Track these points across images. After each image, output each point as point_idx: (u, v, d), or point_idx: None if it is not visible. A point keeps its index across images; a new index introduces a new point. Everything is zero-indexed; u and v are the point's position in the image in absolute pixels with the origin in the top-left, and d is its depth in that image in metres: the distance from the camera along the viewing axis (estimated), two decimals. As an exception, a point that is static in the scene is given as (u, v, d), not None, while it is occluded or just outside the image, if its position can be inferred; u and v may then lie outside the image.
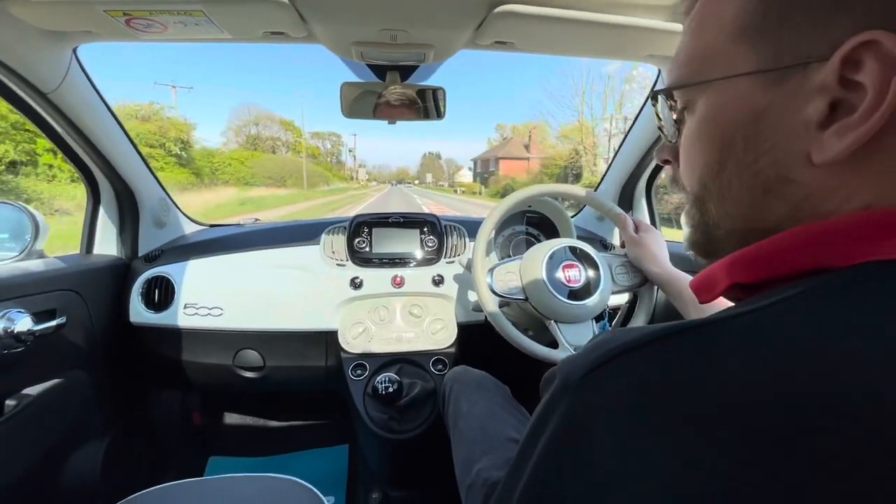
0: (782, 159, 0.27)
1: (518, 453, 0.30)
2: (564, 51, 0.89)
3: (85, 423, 1.05)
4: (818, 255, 0.25)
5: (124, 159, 1.09)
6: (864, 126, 0.24)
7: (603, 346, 0.26)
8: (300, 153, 48.48)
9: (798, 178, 0.27)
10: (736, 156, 0.30)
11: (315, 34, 0.81)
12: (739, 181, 0.30)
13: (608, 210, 1.00)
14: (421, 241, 1.21)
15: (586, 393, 0.26)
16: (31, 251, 1.00)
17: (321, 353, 1.19)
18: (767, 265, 0.28)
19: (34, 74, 0.80)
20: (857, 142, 0.24)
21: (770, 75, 0.27)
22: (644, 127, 1.16)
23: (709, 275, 0.32)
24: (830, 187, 0.26)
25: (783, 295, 0.24)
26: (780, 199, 0.28)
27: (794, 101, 0.26)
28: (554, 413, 0.27)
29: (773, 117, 0.27)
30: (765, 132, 0.28)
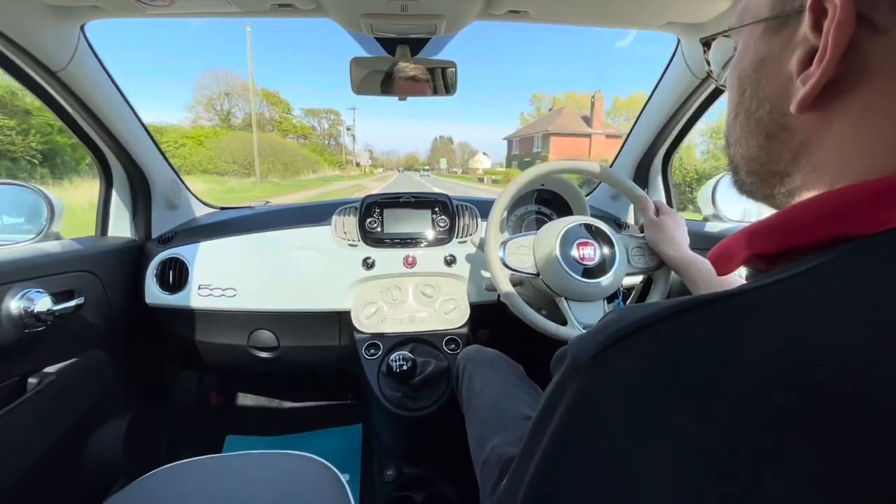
0: (776, 107, 0.29)
1: (530, 432, 0.31)
2: (582, 19, 0.86)
3: (105, 402, 1.07)
4: (843, 222, 0.24)
5: (135, 141, 1.09)
6: (818, 72, 0.25)
7: (613, 325, 0.26)
8: (288, 133, 42.22)
9: (791, 126, 0.28)
10: (745, 103, 0.31)
11: (323, 6, 0.79)
12: (747, 127, 0.31)
13: (629, 190, 0.97)
14: (433, 220, 1.20)
15: (597, 373, 0.25)
16: (47, 233, 1.01)
17: (335, 333, 1.20)
18: (789, 234, 0.27)
19: (43, 52, 0.80)
20: (813, 88, 0.25)
21: (775, 23, 0.28)
22: (661, 101, 1.13)
23: (727, 245, 0.32)
24: (818, 136, 0.27)
25: (809, 265, 0.23)
26: (781, 145, 0.29)
27: (787, 49, 0.27)
28: (564, 394, 0.27)
29: (771, 65, 0.29)
30: (763, 79, 0.30)
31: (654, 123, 1.18)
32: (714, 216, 1.20)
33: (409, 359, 1.01)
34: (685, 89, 1.04)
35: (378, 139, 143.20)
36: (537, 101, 54.79)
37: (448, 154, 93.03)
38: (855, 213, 0.24)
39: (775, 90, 0.29)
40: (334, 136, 56.73)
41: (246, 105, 37.06)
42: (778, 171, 0.30)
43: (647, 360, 0.24)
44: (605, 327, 0.27)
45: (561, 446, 0.27)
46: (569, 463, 0.26)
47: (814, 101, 0.26)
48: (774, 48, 0.28)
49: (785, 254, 0.27)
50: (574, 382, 0.26)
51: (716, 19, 0.81)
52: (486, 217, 1.20)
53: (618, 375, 0.25)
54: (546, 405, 0.29)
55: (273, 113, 42.26)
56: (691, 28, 0.88)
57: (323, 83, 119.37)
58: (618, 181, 0.97)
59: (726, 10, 0.77)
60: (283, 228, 1.19)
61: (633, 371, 0.24)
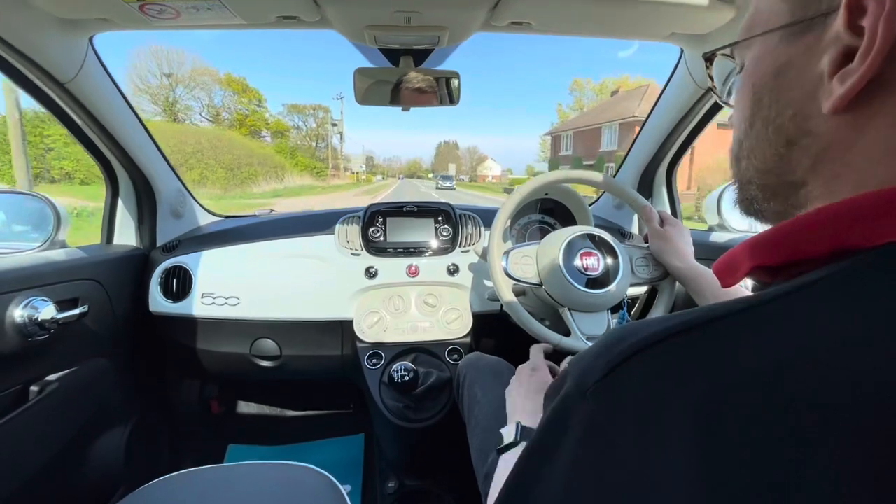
0: (801, 111, 0.28)
1: (527, 458, 0.29)
2: (584, 31, 0.87)
3: (107, 410, 1.07)
4: (843, 234, 0.24)
5: (141, 150, 1.10)
6: (862, 68, 0.24)
7: (619, 344, 0.25)
8: (259, 130, 32.73)
9: (815, 130, 0.27)
10: (763, 112, 0.31)
11: (328, 18, 0.79)
12: (765, 137, 0.31)
13: (633, 200, 0.97)
14: (436, 230, 1.20)
15: (605, 397, 0.24)
16: (53, 241, 1.02)
17: (337, 342, 1.19)
18: (791, 246, 0.27)
19: (51, 63, 0.81)
20: (855, 85, 0.24)
21: (796, 28, 0.28)
22: (666, 110, 1.13)
23: (731, 257, 0.31)
24: (846, 139, 0.26)
25: (809, 279, 0.23)
26: (802, 151, 0.28)
27: (814, 53, 0.27)
28: (570, 422, 0.26)
29: (795, 70, 0.28)
30: (785, 85, 0.29)
31: (658, 133, 1.18)
32: (720, 226, 1.19)
33: (410, 369, 1.00)
34: (689, 99, 1.04)
35: (380, 146, 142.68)
36: (579, 90, 40.63)
37: (455, 160, 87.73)
38: (855, 225, 0.24)
39: (800, 94, 0.28)
40: (323, 136, 45.49)
41: (204, 95, 29.94)
42: (794, 182, 0.30)
43: (656, 379, 0.23)
44: (609, 346, 0.26)
45: (573, 475, 0.25)
46: (583, 491, 0.25)
47: (851, 100, 0.25)
48: (798, 53, 0.28)
49: (788, 266, 0.27)
50: (580, 408, 0.25)
51: (719, 30, 0.81)
52: (489, 226, 1.20)
53: (627, 397, 0.24)
54: (548, 432, 0.28)
55: (238, 105, 32.29)
56: (695, 39, 0.88)
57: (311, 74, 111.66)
58: (621, 191, 0.97)
59: (729, 21, 0.77)
60: (287, 237, 1.19)
61: (642, 392, 0.23)
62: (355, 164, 58.55)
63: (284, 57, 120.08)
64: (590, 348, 0.27)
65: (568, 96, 51.01)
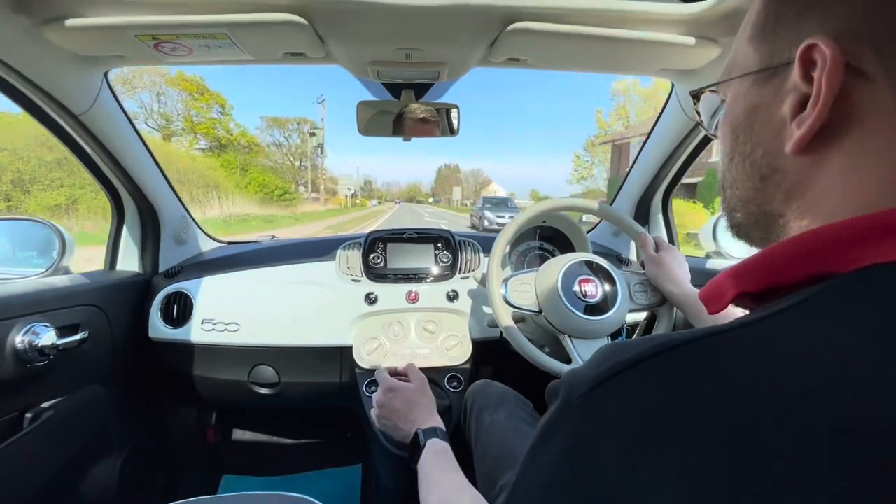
0: (770, 150, 0.30)
1: (523, 464, 0.31)
2: (578, 66, 0.90)
3: (102, 438, 1.06)
4: (820, 260, 0.26)
5: (149, 179, 1.13)
6: (812, 115, 0.26)
7: (606, 361, 0.26)
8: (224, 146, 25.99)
9: (783, 167, 0.30)
10: (739, 147, 0.33)
11: (333, 54, 0.83)
12: (742, 170, 0.33)
13: (628, 226, 0.99)
14: (435, 256, 1.21)
15: (588, 411, 0.26)
16: (57, 268, 1.03)
17: (335, 368, 1.19)
18: (770, 273, 0.28)
19: (66, 97, 0.84)
20: (809, 130, 0.27)
21: (764, 75, 0.31)
22: (659, 140, 1.16)
23: (716, 285, 0.33)
24: (810, 177, 0.29)
25: (787, 304, 0.24)
26: (775, 186, 0.31)
27: (779, 98, 0.29)
28: (557, 430, 0.27)
29: (763, 112, 0.31)
30: (756, 125, 0.31)
31: (653, 162, 1.21)
32: (716, 253, 1.20)
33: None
34: (681, 130, 1.07)
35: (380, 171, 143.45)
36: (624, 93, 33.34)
37: (457, 184, 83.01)
38: (830, 252, 0.25)
39: (768, 134, 0.30)
40: (307, 154, 38.00)
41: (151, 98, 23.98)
42: (772, 213, 0.32)
43: (639, 397, 0.24)
44: (598, 363, 0.27)
45: (555, 483, 0.27)
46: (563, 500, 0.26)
47: (809, 143, 0.28)
48: (766, 96, 0.30)
49: (770, 292, 0.28)
50: (566, 420, 0.27)
51: (707, 66, 0.85)
52: (488, 252, 1.21)
53: (610, 413, 0.25)
54: (539, 439, 0.29)
55: (193, 110, 25.57)
56: (684, 74, 0.92)
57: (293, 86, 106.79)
58: (617, 218, 0.99)
59: (716, 57, 0.80)
60: (288, 263, 1.20)
61: (625, 409, 0.24)
62: (343, 186, 48.66)
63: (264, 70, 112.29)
64: (585, 363, 0.29)
65: (609, 102, 46.18)
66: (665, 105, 1.10)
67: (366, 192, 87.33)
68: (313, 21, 0.70)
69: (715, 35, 0.75)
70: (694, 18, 0.71)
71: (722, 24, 0.72)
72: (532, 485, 0.29)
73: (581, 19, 0.72)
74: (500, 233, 0.98)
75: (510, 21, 0.71)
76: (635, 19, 0.72)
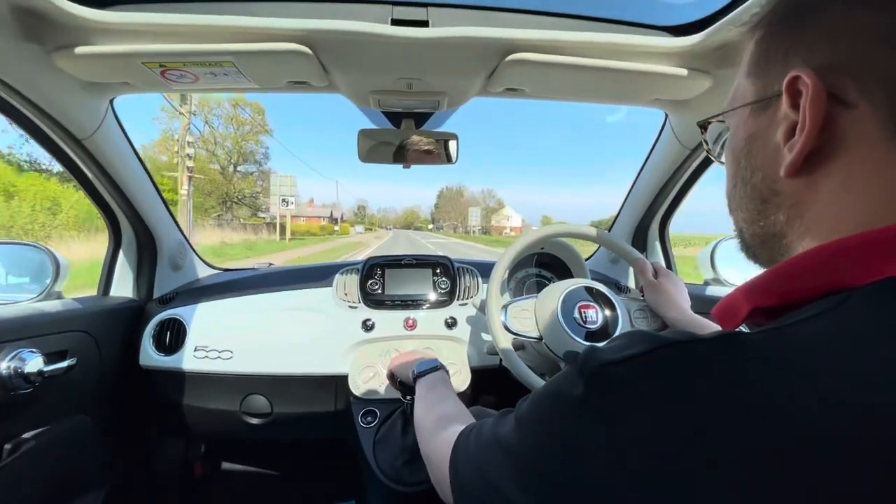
0: (768, 174, 0.32)
1: (518, 405, 0.34)
2: (573, 97, 0.93)
3: (84, 471, 1.01)
4: (835, 274, 0.26)
5: (149, 205, 1.13)
6: (800, 140, 0.29)
7: (626, 348, 0.27)
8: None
9: (781, 190, 0.32)
10: (742, 172, 0.35)
11: (336, 83, 0.85)
12: (745, 193, 0.35)
13: (627, 253, 0.99)
14: (434, 282, 1.20)
15: (595, 384, 0.27)
16: (49, 293, 1.02)
17: (330, 398, 1.15)
18: (785, 287, 0.29)
19: (71, 122, 0.85)
20: (798, 155, 0.29)
21: (759, 105, 0.33)
22: (654, 168, 1.18)
23: (730, 301, 0.33)
24: (806, 199, 0.30)
25: (809, 313, 0.25)
26: (776, 208, 0.32)
27: (772, 125, 0.32)
28: (563, 386, 0.29)
29: (760, 140, 0.33)
30: (755, 152, 0.34)
31: (648, 191, 1.23)
32: (714, 280, 1.20)
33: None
34: (675, 159, 1.09)
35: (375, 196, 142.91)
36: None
37: (459, 209, 77.10)
38: (845, 265, 0.26)
39: (766, 160, 0.32)
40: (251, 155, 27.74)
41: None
42: (776, 233, 0.33)
43: (648, 384, 0.25)
44: (619, 346, 0.28)
45: (536, 431, 0.30)
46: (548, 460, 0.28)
47: (801, 167, 0.29)
48: (761, 125, 0.33)
49: (784, 307, 0.29)
50: (575, 382, 0.28)
51: (700, 97, 0.87)
52: (487, 278, 1.21)
53: (612, 392, 0.26)
54: (544, 389, 0.32)
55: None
56: (677, 104, 0.95)
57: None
58: (615, 245, 0.99)
59: (708, 88, 0.83)
60: (284, 289, 1.19)
61: (631, 392, 0.25)
62: (274, 203, 25.51)
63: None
64: (608, 341, 0.31)
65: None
66: (659, 135, 1.13)
67: (359, 217, 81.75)
68: (317, 51, 0.72)
69: (707, 67, 0.78)
70: (686, 51, 0.74)
71: (713, 56, 0.75)
72: (520, 422, 0.32)
73: (577, 51, 0.74)
74: (498, 259, 0.98)
75: (508, 52, 0.73)
76: (629, 52, 0.75)
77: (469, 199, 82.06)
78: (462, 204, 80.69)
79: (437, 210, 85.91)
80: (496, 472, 0.32)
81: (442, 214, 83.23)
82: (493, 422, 0.36)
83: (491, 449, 0.34)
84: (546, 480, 0.28)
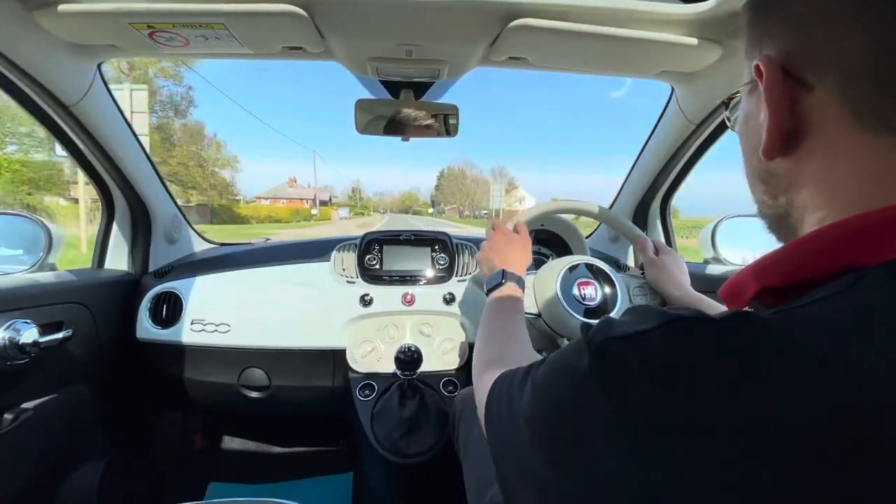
0: (762, 155, 0.32)
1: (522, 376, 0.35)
2: (578, 67, 0.90)
3: (83, 442, 1.02)
4: (848, 254, 0.26)
5: (141, 175, 1.11)
6: (765, 124, 0.30)
7: (637, 322, 0.27)
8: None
9: (774, 171, 0.32)
10: (745, 154, 0.36)
11: (332, 50, 0.82)
12: (751, 173, 0.36)
13: (628, 230, 0.98)
14: (432, 258, 1.19)
15: (600, 357, 0.27)
16: (43, 264, 1.00)
17: (328, 372, 1.16)
18: (797, 267, 0.28)
19: (57, 87, 0.82)
20: (769, 135, 0.30)
21: (747, 87, 0.34)
22: (658, 145, 1.16)
23: (737, 281, 0.33)
24: (797, 179, 0.31)
25: (822, 295, 0.24)
26: (774, 188, 0.33)
27: (758, 107, 0.32)
28: (569, 359, 0.29)
29: (752, 120, 0.33)
30: (750, 132, 0.34)
31: (651, 167, 1.21)
32: (714, 259, 1.19)
33: (415, 349, 0.99)
34: (680, 134, 1.07)
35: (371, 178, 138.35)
36: None
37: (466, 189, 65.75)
38: (856, 245, 0.25)
39: (757, 142, 0.32)
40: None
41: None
42: (782, 213, 0.33)
43: (654, 359, 0.24)
44: (630, 321, 0.27)
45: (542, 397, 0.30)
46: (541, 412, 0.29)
47: (781, 148, 0.30)
48: (752, 106, 0.34)
49: (793, 288, 0.28)
50: (581, 353, 0.28)
51: (708, 69, 0.84)
52: None
53: (615, 366, 0.26)
54: (554, 354, 0.33)
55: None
56: (684, 77, 0.92)
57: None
58: (615, 221, 0.98)
59: (717, 60, 0.80)
60: (281, 264, 1.18)
61: (636, 366, 0.25)
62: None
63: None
64: (621, 313, 0.30)
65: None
66: (664, 110, 1.10)
67: (355, 200, 74.51)
68: (313, 13, 0.69)
69: (717, 36, 0.75)
70: (696, 19, 0.71)
71: (724, 24, 0.72)
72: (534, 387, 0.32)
73: (583, 17, 0.71)
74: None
75: (512, 17, 0.70)
76: (638, 18, 0.72)
77: (477, 180, 72.50)
78: (468, 184, 72.30)
79: (438, 192, 76.88)
80: (517, 438, 0.33)
81: (445, 197, 74.70)
82: (519, 381, 0.36)
83: (512, 416, 0.35)
84: (558, 447, 0.28)
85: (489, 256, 0.82)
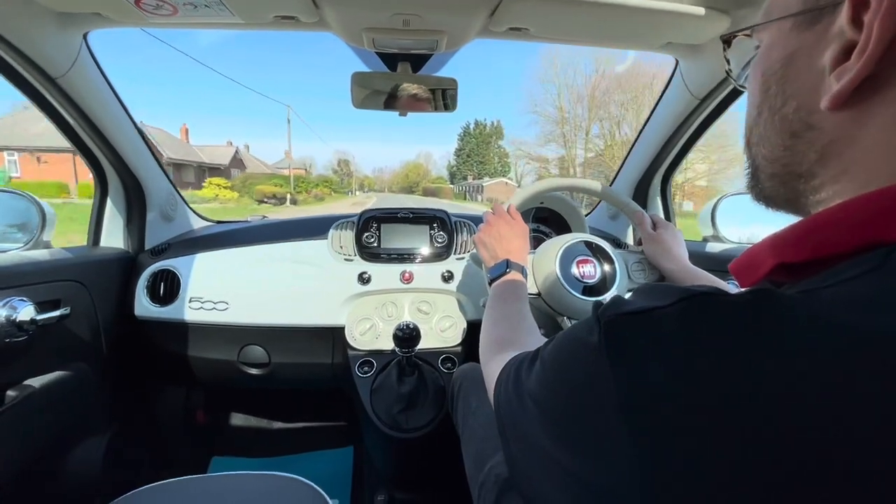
0: (804, 105, 0.28)
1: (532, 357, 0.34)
2: (581, 38, 0.87)
3: (86, 418, 1.03)
4: (872, 228, 0.23)
5: (133, 150, 1.08)
6: (857, 66, 0.23)
7: (647, 298, 0.26)
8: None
9: (818, 124, 0.27)
10: (769, 101, 0.30)
11: (326, 19, 0.79)
12: (772, 126, 0.30)
13: (625, 206, 0.97)
14: (430, 236, 1.19)
15: (610, 333, 0.25)
16: (37, 242, 0.99)
17: (328, 349, 1.16)
18: (819, 242, 0.26)
19: (43, 57, 0.80)
20: (850, 83, 0.24)
21: (806, 17, 0.27)
22: (661, 121, 1.14)
23: (751, 255, 0.30)
24: (848, 136, 0.26)
25: (845, 275, 0.22)
26: (808, 145, 0.28)
27: (820, 45, 0.26)
28: (580, 334, 0.28)
29: (801, 61, 0.28)
30: (792, 76, 0.28)
31: (653, 143, 1.19)
32: (714, 237, 1.19)
33: (413, 326, 0.99)
34: (684, 109, 1.05)
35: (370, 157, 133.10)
36: None
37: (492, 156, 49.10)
38: (887, 219, 0.23)
39: (804, 87, 0.27)
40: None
41: None
42: (801, 174, 0.29)
43: (666, 336, 0.23)
44: (642, 298, 0.26)
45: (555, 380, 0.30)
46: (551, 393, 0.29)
47: (849, 97, 0.25)
48: (806, 43, 0.27)
49: (812, 263, 0.26)
50: (592, 329, 0.27)
51: (714, 41, 0.82)
52: None
53: (624, 343, 0.24)
54: (563, 333, 0.31)
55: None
56: (690, 49, 0.89)
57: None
58: (614, 198, 0.97)
59: (724, 30, 0.78)
60: (279, 242, 1.17)
61: (646, 344, 0.24)
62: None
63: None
64: (633, 290, 0.30)
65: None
66: (668, 84, 1.08)
67: (340, 175, 60.47)
68: None
69: (725, 5, 0.72)
70: None
71: None
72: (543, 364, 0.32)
73: (587, -16, 0.69)
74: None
75: None
76: None
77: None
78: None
79: (461, 160, 52.92)
80: (525, 417, 0.32)
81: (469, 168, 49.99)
82: (528, 362, 0.35)
83: (520, 396, 0.34)
84: (564, 423, 0.27)
85: (490, 244, 0.81)
